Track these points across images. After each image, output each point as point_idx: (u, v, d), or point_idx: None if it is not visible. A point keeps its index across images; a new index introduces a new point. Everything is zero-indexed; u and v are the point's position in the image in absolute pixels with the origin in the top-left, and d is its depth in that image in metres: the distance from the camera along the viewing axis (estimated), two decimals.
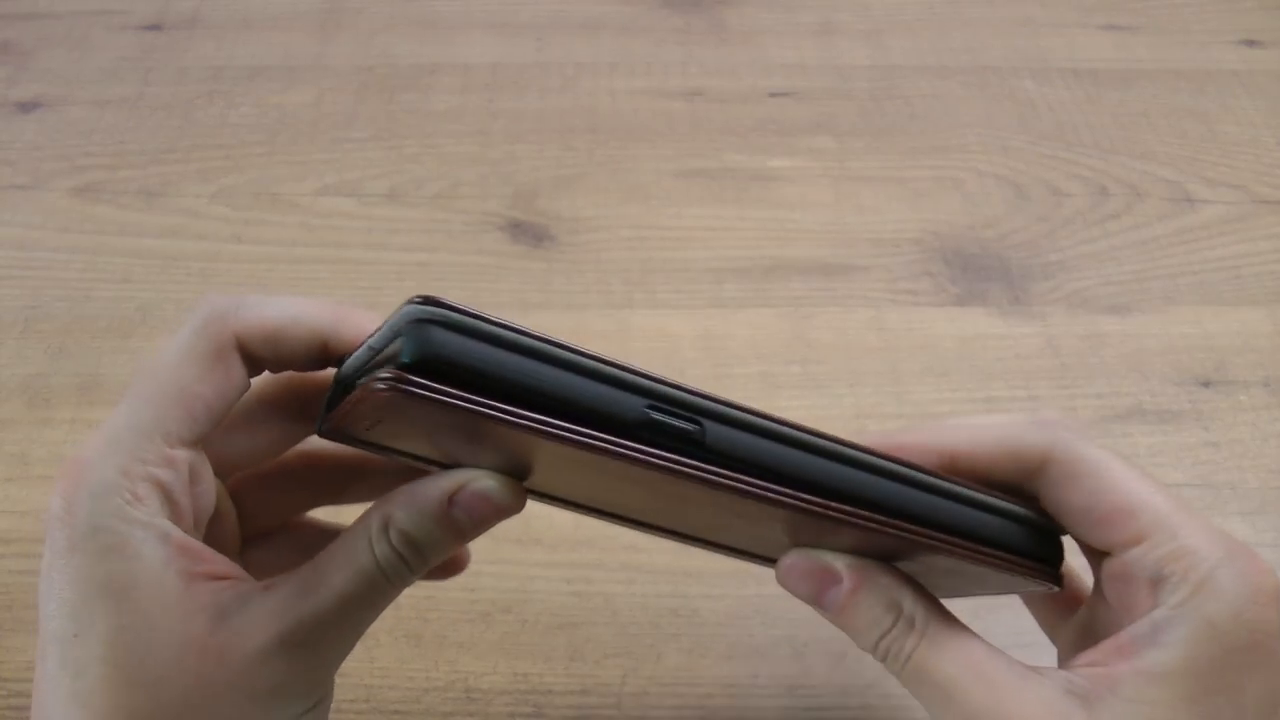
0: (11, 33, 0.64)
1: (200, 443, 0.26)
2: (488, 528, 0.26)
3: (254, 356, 0.26)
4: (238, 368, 0.26)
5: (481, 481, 0.25)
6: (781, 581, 0.27)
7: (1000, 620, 0.38)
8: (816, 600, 0.27)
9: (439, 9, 0.66)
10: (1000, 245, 0.53)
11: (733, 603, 0.40)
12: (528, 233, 0.53)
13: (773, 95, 0.61)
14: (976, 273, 0.51)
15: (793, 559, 0.27)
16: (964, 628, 0.26)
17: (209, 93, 0.60)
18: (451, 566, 0.32)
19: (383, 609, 0.27)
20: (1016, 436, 0.27)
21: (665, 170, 0.56)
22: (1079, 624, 0.29)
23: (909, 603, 0.26)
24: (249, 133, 0.58)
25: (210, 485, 0.27)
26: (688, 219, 0.54)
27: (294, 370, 0.28)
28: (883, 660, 0.26)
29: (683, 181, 0.56)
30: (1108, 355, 0.48)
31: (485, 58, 0.63)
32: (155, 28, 0.65)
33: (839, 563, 0.26)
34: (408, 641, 0.38)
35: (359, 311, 0.27)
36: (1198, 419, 0.45)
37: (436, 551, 0.26)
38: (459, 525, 0.26)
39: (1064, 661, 0.29)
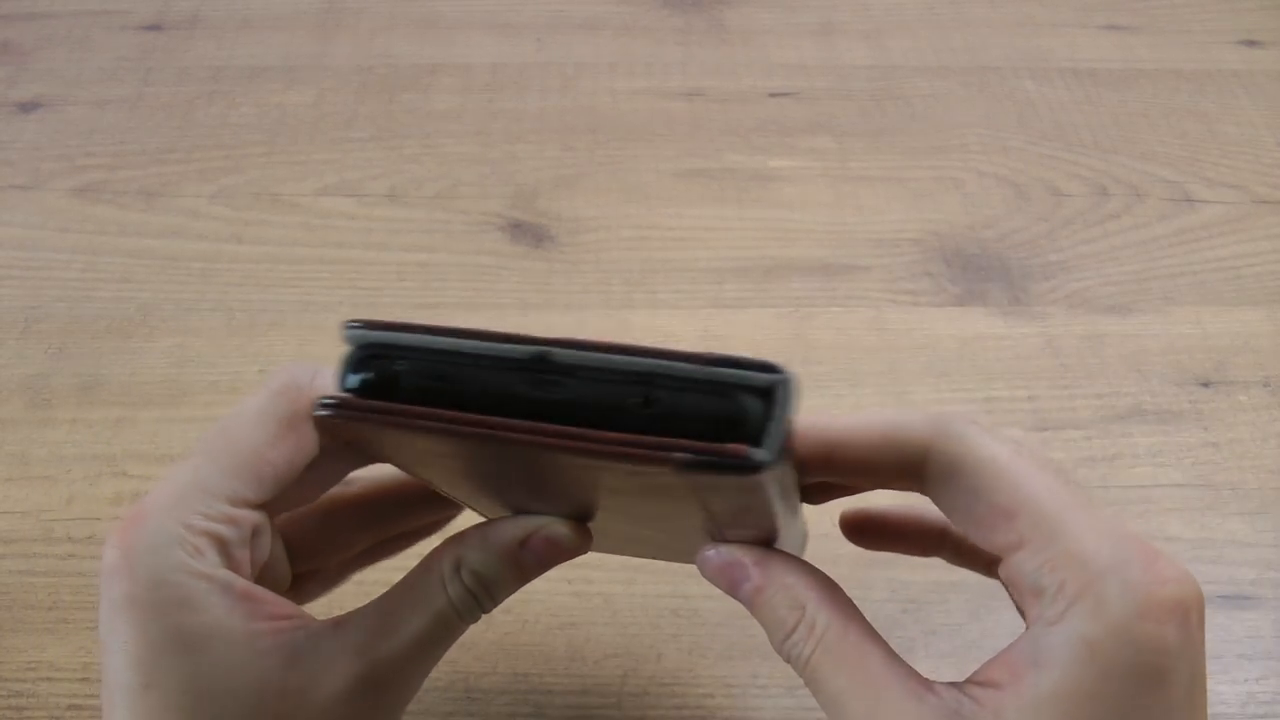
0: (11, 33, 0.64)
1: (266, 507, 0.26)
2: (549, 569, 0.27)
3: None
4: (309, 437, 0.26)
5: (554, 528, 0.27)
6: (703, 574, 0.27)
7: (1001, 621, 0.38)
8: (734, 595, 0.26)
9: (439, 9, 0.66)
10: (1000, 245, 0.53)
11: (733, 603, 0.39)
12: (528, 233, 0.53)
13: (773, 95, 0.61)
14: (976, 273, 0.51)
15: (708, 553, 0.26)
16: (869, 636, 0.25)
17: (209, 93, 0.60)
18: None
19: (450, 646, 0.27)
20: (898, 426, 0.24)
21: (665, 170, 0.56)
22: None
23: (812, 606, 0.25)
24: (249, 133, 0.58)
25: (268, 537, 0.27)
26: (688, 219, 0.54)
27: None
28: (787, 661, 0.25)
29: (683, 181, 0.56)
30: (1108, 355, 0.48)
31: (485, 58, 0.63)
32: (155, 28, 0.65)
33: (747, 558, 0.26)
34: None
35: None
36: (1198, 419, 0.45)
37: (505, 591, 0.27)
38: (526, 567, 0.27)
39: None
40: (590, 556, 0.41)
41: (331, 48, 0.63)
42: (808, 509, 0.28)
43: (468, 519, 0.30)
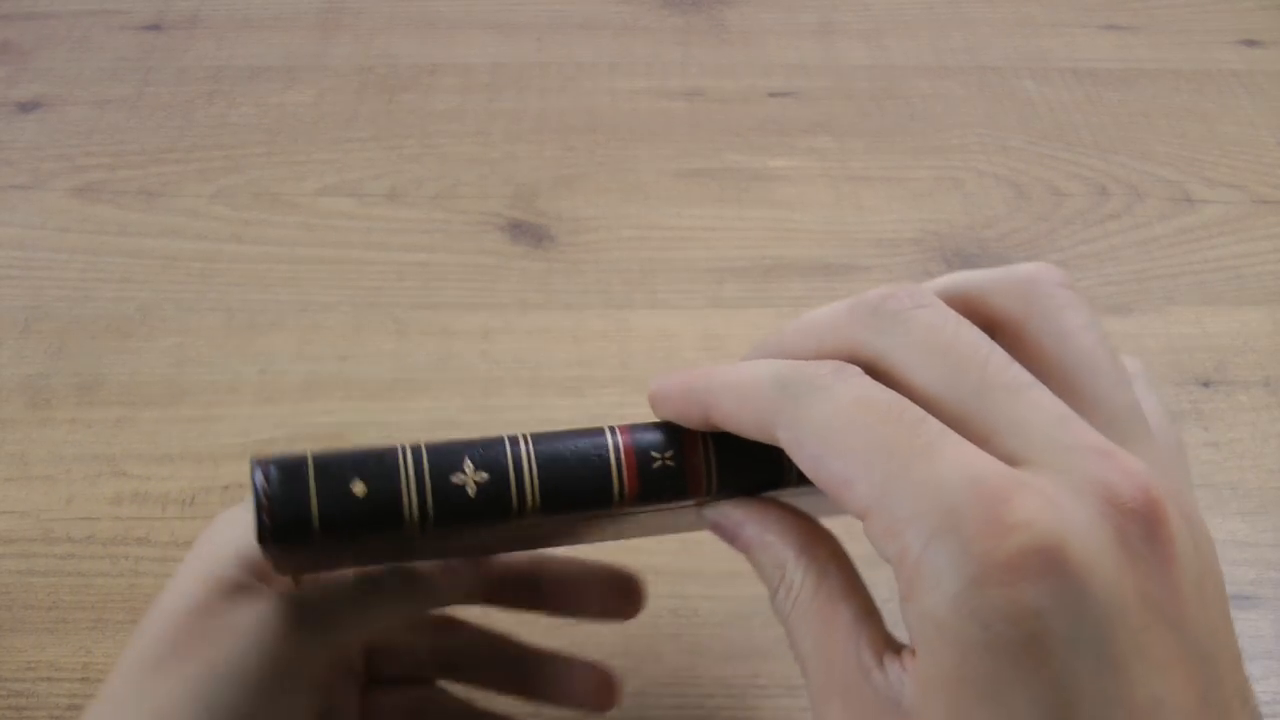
0: (11, 33, 0.64)
1: None
2: None
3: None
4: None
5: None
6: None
7: None
8: (734, 547, 0.25)
9: (439, 9, 0.66)
10: (1000, 245, 0.53)
11: (733, 603, 0.40)
12: (528, 233, 0.53)
13: (773, 95, 0.61)
14: None
15: (705, 513, 0.26)
16: (842, 595, 0.23)
17: (209, 93, 0.60)
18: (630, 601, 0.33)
19: (405, 602, 0.29)
20: (753, 386, 0.23)
21: (665, 170, 0.56)
22: None
23: (792, 565, 0.23)
24: (249, 133, 0.58)
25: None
26: (688, 219, 0.54)
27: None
28: (779, 620, 0.24)
29: (683, 181, 0.56)
30: None
31: (485, 58, 0.63)
32: (155, 28, 0.65)
33: (736, 514, 0.25)
34: None
35: None
36: (1198, 419, 0.45)
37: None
38: None
39: None
40: (589, 556, 0.41)
41: (331, 48, 0.63)
42: None
43: None
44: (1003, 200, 0.55)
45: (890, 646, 0.21)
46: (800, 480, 0.24)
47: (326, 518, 0.23)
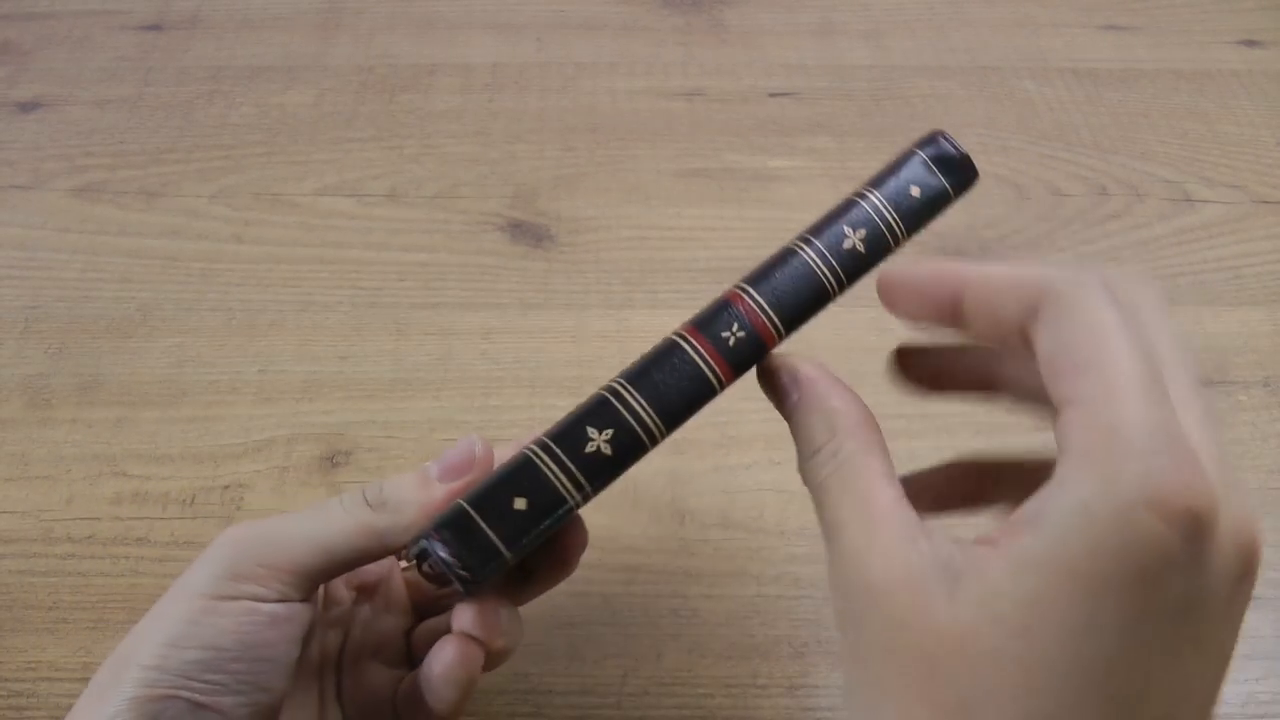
0: (11, 33, 0.64)
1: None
2: (452, 465, 0.29)
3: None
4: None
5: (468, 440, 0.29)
6: (759, 381, 0.28)
7: None
8: (780, 404, 0.27)
9: (439, 9, 0.66)
10: (1000, 245, 0.53)
11: (733, 603, 0.40)
12: (528, 233, 0.53)
13: (773, 95, 0.61)
14: None
15: (774, 363, 0.28)
16: (885, 475, 0.24)
17: (209, 93, 0.60)
18: (562, 560, 0.33)
19: (348, 551, 0.29)
20: (1026, 272, 0.24)
21: (665, 170, 0.56)
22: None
23: (842, 434, 0.25)
24: (249, 133, 0.58)
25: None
26: (688, 219, 0.54)
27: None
28: (804, 478, 0.26)
29: (683, 181, 0.56)
30: None
31: (485, 58, 0.63)
32: (155, 28, 0.65)
33: (801, 370, 0.27)
34: None
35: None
36: None
37: (394, 478, 0.29)
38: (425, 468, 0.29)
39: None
40: (590, 556, 0.41)
41: (331, 48, 0.63)
42: None
43: None
44: (1003, 200, 0.55)
45: (925, 526, 0.24)
46: None
47: (510, 540, 0.26)
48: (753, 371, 0.28)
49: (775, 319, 0.29)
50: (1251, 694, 0.37)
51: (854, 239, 0.30)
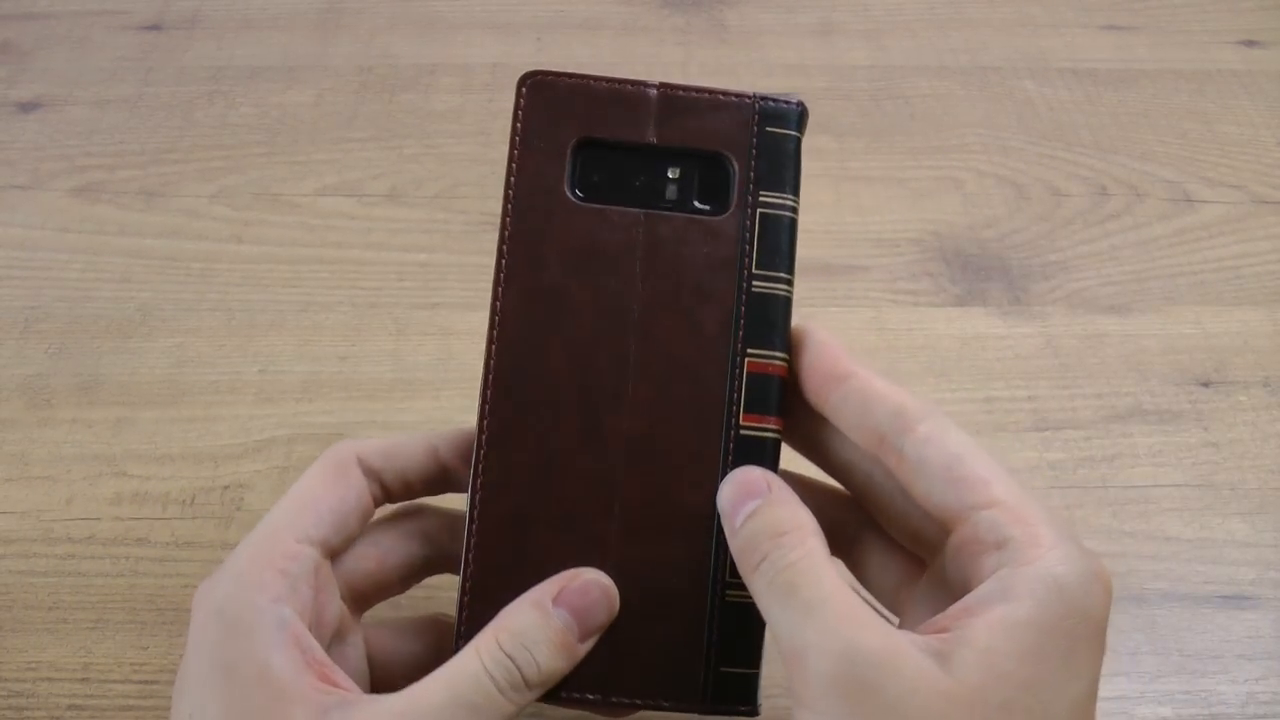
0: (11, 33, 0.64)
1: (326, 546, 0.29)
2: (596, 625, 0.28)
3: (373, 470, 0.30)
4: (357, 477, 0.30)
5: (588, 574, 0.28)
6: (721, 500, 0.29)
7: None
8: (734, 511, 0.28)
9: (439, 9, 0.66)
10: (1000, 245, 0.53)
11: None
12: None
13: None
14: (976, 273, 0.51)
15: (738, 472, 0.29)
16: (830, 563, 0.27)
17: (209, 93, 0.60)
18: None
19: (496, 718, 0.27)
20: (906, 399, 0.28)
21: None
22: (921, 597, 0.29)
23: (809, 526, 0.27)
24: (249, 133, 0.58)
25: (335, 599, 0.29)
26: None
27: (411, 485, 0.31)
28: (757, 565, 0.26)
29: None
30: (1108, 355, 0.48)
31: (485, 58, 0.63)
32: (155, 28, 0.65)
33: (771, 482, 0.28)
34: None
35: (466, 429, 0.30)
36: (1198, 419, 0.45)
37: (545, 651, 0.27)
38: (565, 625, 0.27)
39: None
40: None
41: (331, 48, 0.63)
42: None
43: None
44: (1003, 200, 0.55)
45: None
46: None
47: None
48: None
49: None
50: (1251, 694, 0.37)
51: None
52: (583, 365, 0.29)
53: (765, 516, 0.27)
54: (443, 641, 0.31)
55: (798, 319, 0.31)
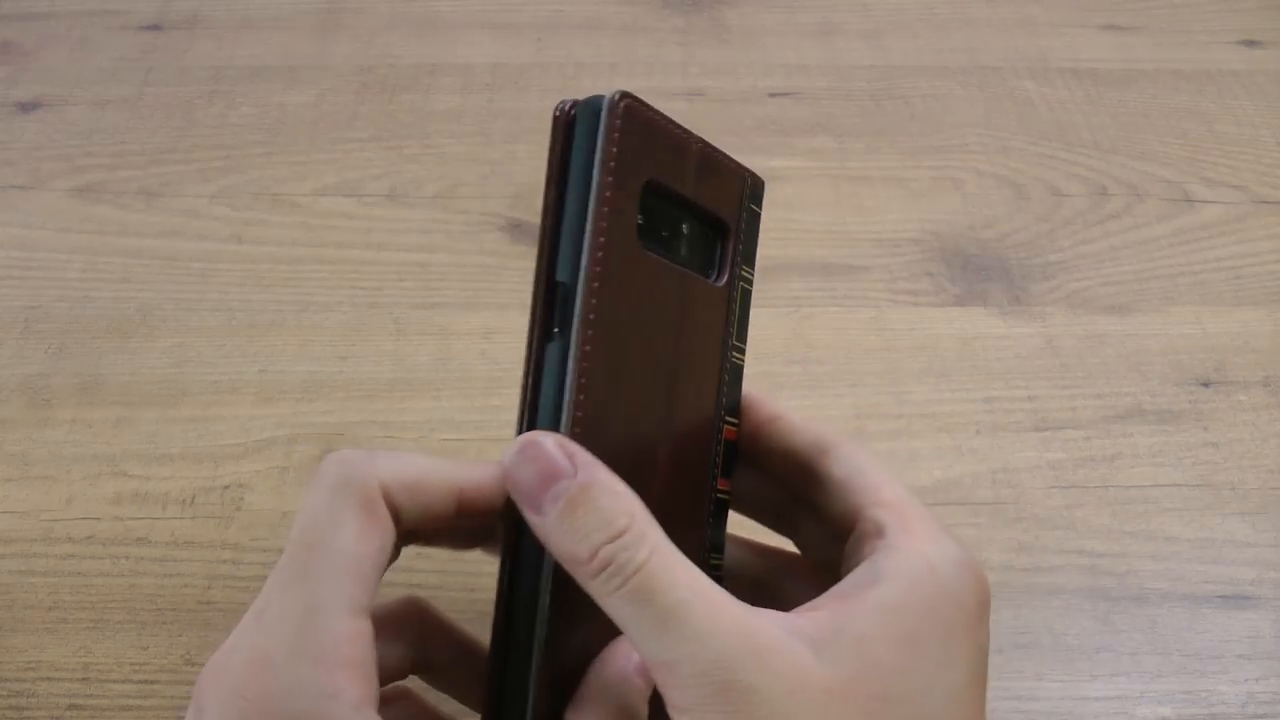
0: (11, 33, 0.64)
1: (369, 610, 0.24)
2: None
3: (395, 506, 0.25)
4: (386, 519, 0.24)
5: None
6: (508, 470, 0.24)
7: None
8: (536, 497, 0.23)
9: (439, 9, 0.66)
10: (1000, 245, 0.53)
11: None
12: (528, 233, 0.53)
13: (773, 95, 0.61)
14: (976, 273, 0.51)
15: (523, 441, 0.24)
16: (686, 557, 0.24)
17: (209, 93, 0.60)
18: None
19: None
20: (824, 429, 0.30)
21: None
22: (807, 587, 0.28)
23: (641, 513, 0.23)
24: (249, 133, 0.58)
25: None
26: None
27: (426, 533, 0.26)
28: (598, 571, 0.23)
29: None
30: (1108, 355, 0.48)
31: (485, 58, 0.63)
32: (155, 28, 0.65)
33: (574, 453, 0.24)
34: None
35: (486, 465, 0.26)
36: (1198, 419, 0.45)
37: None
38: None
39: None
40: None
41: (331, 48, 0.63)
42: None
43: None
44: (1002, 200, 0.55)
45: None
46: None
47: None
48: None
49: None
50: (1251, 694, 0.37)
51: None
52: (637, 427, 0.27)
53: (588, 509, 0.23)
54: (423, 632, 0.29)
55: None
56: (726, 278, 0.30)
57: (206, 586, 0.40)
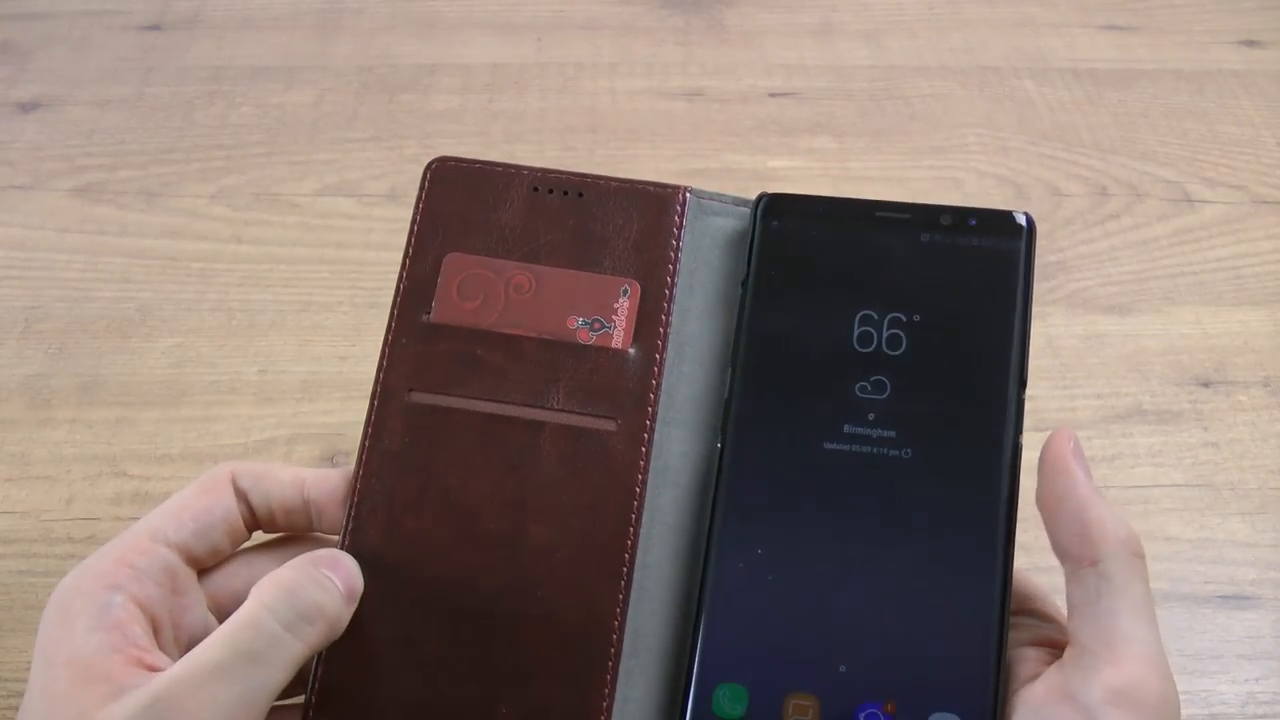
0: (11, 33, 0.64)
1: (187, 551, 0.29)
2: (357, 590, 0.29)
3: (242, 490, 0.30)
4: (226, 492, 0.30)
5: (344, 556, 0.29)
6: None
7: None
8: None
9: (439, 9, 0.66)
10: None
11: None
12: None
13: (773, 95, 0.61)
14: None
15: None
16: None
17: (209, 93, 0.60)
18: None
19: (282, 664, 0.26)
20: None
21: (665, 170, 0.56)
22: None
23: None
24: (249, 133, 0.58)
25: (198, 608, 0.29)
26: None
27: (274, 514, 0.31)
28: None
29: (682, 181, 0.55)
30: (1108, 355, 0.48)
31: (485, 58, 0.63)
32: (155, 28, 0.65)
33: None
34: None
35: (335, 471, 0.31)
36: (1198, 419, 0.45)
37: (319, 589, 0.27)
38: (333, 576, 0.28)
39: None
40: None
41: (331, 48, 0.63)
42: None
43: None
44: (1003, 200, 0.55)
45: None
46: None
47: None
48: None
49: None
50: (1251, 694, 0.37)
51: None
52: None
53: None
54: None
55: None
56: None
57: None
